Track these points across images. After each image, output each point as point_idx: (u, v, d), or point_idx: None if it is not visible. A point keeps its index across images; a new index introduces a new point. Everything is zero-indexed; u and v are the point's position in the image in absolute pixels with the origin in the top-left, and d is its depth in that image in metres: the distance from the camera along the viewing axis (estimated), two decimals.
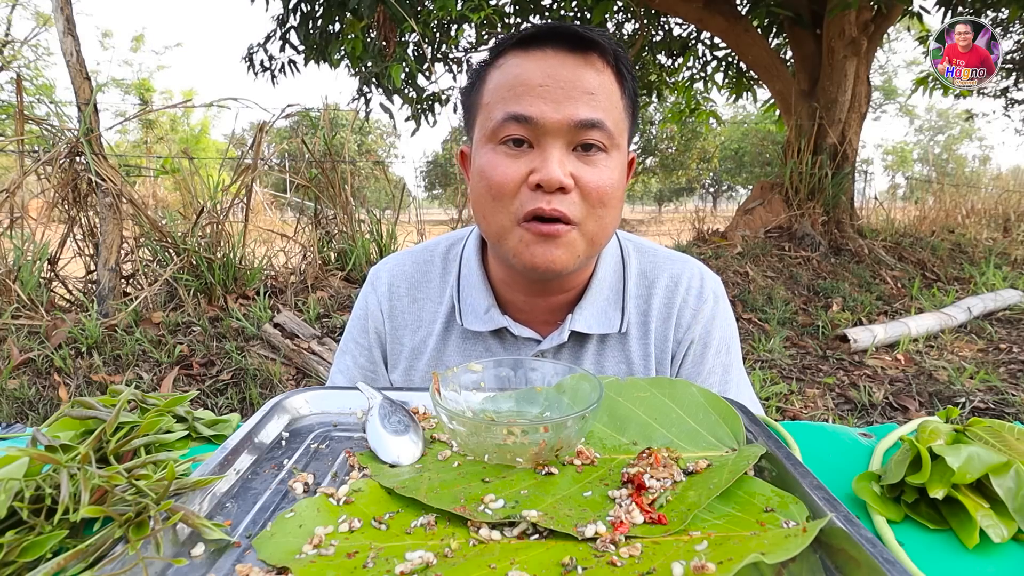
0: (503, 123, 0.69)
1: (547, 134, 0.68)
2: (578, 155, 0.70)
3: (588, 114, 0.68)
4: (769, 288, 4.53)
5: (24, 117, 3.24)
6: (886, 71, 28.57)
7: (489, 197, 0.72)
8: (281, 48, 5.82)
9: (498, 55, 0.73)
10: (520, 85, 0.69)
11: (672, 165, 25.10)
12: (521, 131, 0.69)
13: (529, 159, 0.69)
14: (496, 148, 0.71)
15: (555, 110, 0.67)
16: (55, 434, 0.56)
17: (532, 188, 0.69)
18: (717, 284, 0.89)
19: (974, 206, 7.83)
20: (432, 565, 0.37)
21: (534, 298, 0.83)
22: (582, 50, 0.69)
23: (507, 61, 0.72)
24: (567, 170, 0.68)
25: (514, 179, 0.70)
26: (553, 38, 0.69)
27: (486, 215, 0.74)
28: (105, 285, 3.22)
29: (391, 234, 4.30)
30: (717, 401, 0.57)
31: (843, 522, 0.38)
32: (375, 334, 0.91)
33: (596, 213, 0.71)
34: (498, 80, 0.71)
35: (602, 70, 0.70)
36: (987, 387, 3.00)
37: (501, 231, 0.73)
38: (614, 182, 0.71)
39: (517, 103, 0.68)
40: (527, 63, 0.69)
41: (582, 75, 0.69)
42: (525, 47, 0.70)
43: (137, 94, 19.54)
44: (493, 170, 0.70)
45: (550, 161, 0.67)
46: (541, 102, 0.67)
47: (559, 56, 0.69)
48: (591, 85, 0.69)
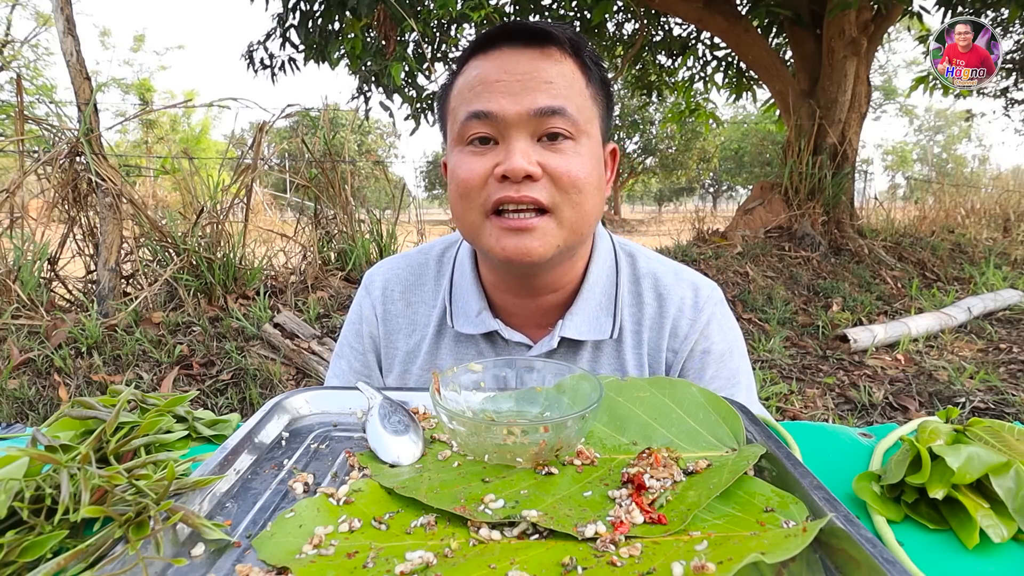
0: (466, 123, 0.70)
1: (509, 127, 0.69)
2: (544, 145, 0.70)
3: (547, 102, 0.68)
4: (769, 288, 4.53)
5: (24, 117, 3.24)
6: (886, 71, 28.61)
7: (458, 196, 0.73)
8: (281, 46, 5.81)
9: (463, 64, 0.75)
10: (479, 84, 0.70)
11: (672, 165, 25.10)
12: (484, 128, 0.70)
13: (495, 154, 0.70)
14: (464, 149, 0.72)
15: (513, 102, 0.68)
16: (55, 434, 0.56)
17: (499, 180, 0.69)
18: (713, 291, 0.87)
19: (974, 206, 7.84)
20: (432, 565, 0.37)
21: (523, 299, 0.82)
22: (538, 44, 0.71)
23: (469, 66, 0.73)
24: (532, 159, 0.68)
25: (480, 174, 0.70)
26: (508, 36, 0.71)
27: (459, 215, 0.75)
28: (105, 285, 3.22)
29: (391, 234, 4.30)
30: (717, 401, 0.57)
31: (843, 522, 0.38)
32: (370, 338, 0.91)
33: (571, 199, 0.70)
34: (461, 85, 0.73)
35: (560, 60, 0.71)
36: (987, 387, 3.00)
37: (473, 228, 0.73)
38: (586, 168, 0.71)
39: (477, 100, 0.70)
40: (486, 63, 0.71)
41: (539, 66, 0.70)
42: (484, 50, 0.72)
43: (137, 94, 19.55)
44: (460, 168, 0.72)
45: (513, 151, 0.68)
46: (500, 96, 0.69)
47: (515, 52, 0.70)
48: (549, 75, 0.69)
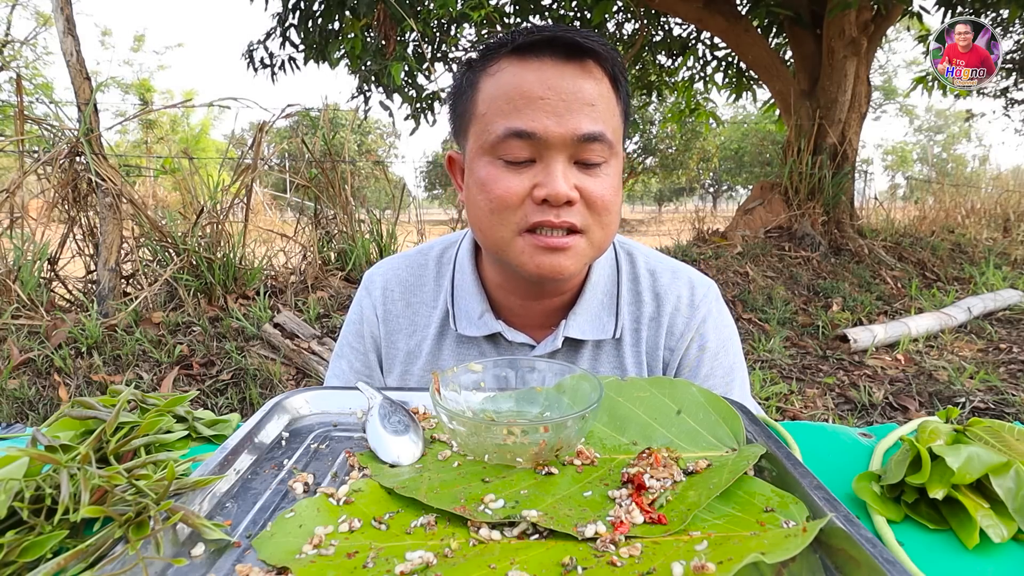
0: (505, 139, 0.68)
1: (550, 148, 0.67)
2: (580, 168, 0.70)
3: (590, 127, 0.67)
4: (769, 288, 4.53)
5: (24, 117, 3.24)
6: (886, 71, 28.59)
7: (489, 211, 0.71)
8: (281, 45, 5.81)
9: (491, 61, 0.71)
10: (520, 97, 0.67)
11: (672, 165, 25.08)
12: (525, 148, 0.68)
13: (532, 173, 0.68)
14: (495, 161, 0.70)
15: (557, 124, 0.66)
16: (55, 434, 0.56)
17: (537, 202, 0.68)
18: (709, 288, 0.88)
19: (974, 206, 7.84)
20: (432, 565, 0.37)
21: (530, 302, 0.83)
22: (579, 58, 0.68)
23: (502, 69, 0.69)
24: (571, 183, 0.68)
25: (518, 193, 0.69)
26: (550, 46, 0.67)
27: (485, 228, 0.73)
28: (105, 285, 3.22)
29: (391, 234, 4.30)
30: (717, 401, 0.57)
31: (843, 522, 0.38)
32: (370, 338, 0.91)
33: (601, 220, 0.71)
34: (494, 90, 0.69)
35: (600, 79, 0.69)
36: (987, 387, 3.00)
37: (502, 243, 0.72)
38: (616, 189, 0.72)
39: (518, 117, 0.67)
40: (525, 73, 0.68)
41: (582, 86, 0.67)
42: (521, 55, 0.68)
43: (137, 94, 19.54)
44: (495, 184, 0.69)
45: (555, 176, 0.67)
46: (543, 116, 0.66)
47: (557, 66, 0.67)
48: (591, 96, 0.68)
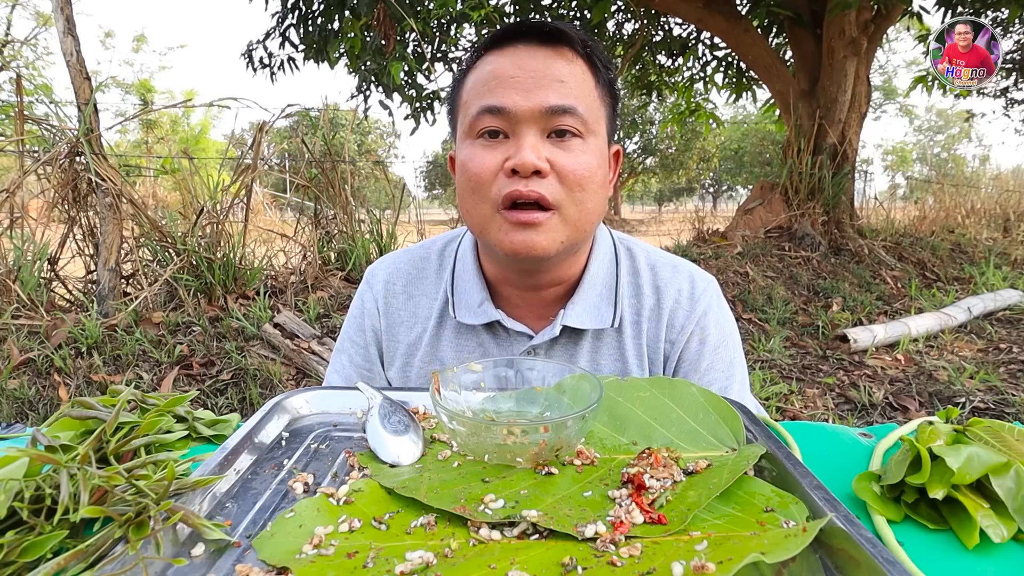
0: (478, 116, 0.72)
1: (520, 122, 0.70)
2: (553, 141, 0.72)
3: (558, 100, 0.70)
4: (769, 288, 4.53)
5: (24, 117, 3.24)
6: (886, 71, 28.58)
7: (469, 189, 0.74)
8: (280, 45, 5.81)
9: (476, 58, 0.76)
10: (493, 79, 0.72)
11: (672, 165, 25.09)
12: (495, 122, 0.71)
13: (505, 148, 0.72)
14: (474, 142, 0.74)
15: (526, 98, 0.70)
16: (55, 434, 0.56)
17: (508, 174, 0.71)
18: (710, 283, 0.89)
19: (974, 206, 7.83)
20: (432, 565, 0.37)
21: (526, 292, 0.84)
22: (552, 43, 0.72)
23: (483, 61, 0.75)
24: (542, 154, 0.70)
25: (491, 168, 0.72)
26: (524, 34, 0.73)
27: (468, 208, 0.76)
28: (105, 285, 3.22)
29: (391, 234, 4.30)
30: (717, 401, 0.57)
31: (843, 522, 0.38)
32: (372, 332, 0.92)
33: (575, 196, 0.72)
34: (474, 80, 0.75)
35: (572, 60, 0.73)
36: (987, 387, 3.00)
37: (483, 221, 0.74)
38: (591, 166, 0.73)
39: (491, 95, 0.71)
40: (500, 59, 0.73)
41: (552, 64, 0.71)
42: (499, 45, 0.74)
43: (138, 94, 19.55)
44: (471, 162, 0.73)
45: (524, 146, 0.70)
46: (513, 92, 0.70)
47: (529, 49, 0.72)
48: (561, 73, 0.71)
